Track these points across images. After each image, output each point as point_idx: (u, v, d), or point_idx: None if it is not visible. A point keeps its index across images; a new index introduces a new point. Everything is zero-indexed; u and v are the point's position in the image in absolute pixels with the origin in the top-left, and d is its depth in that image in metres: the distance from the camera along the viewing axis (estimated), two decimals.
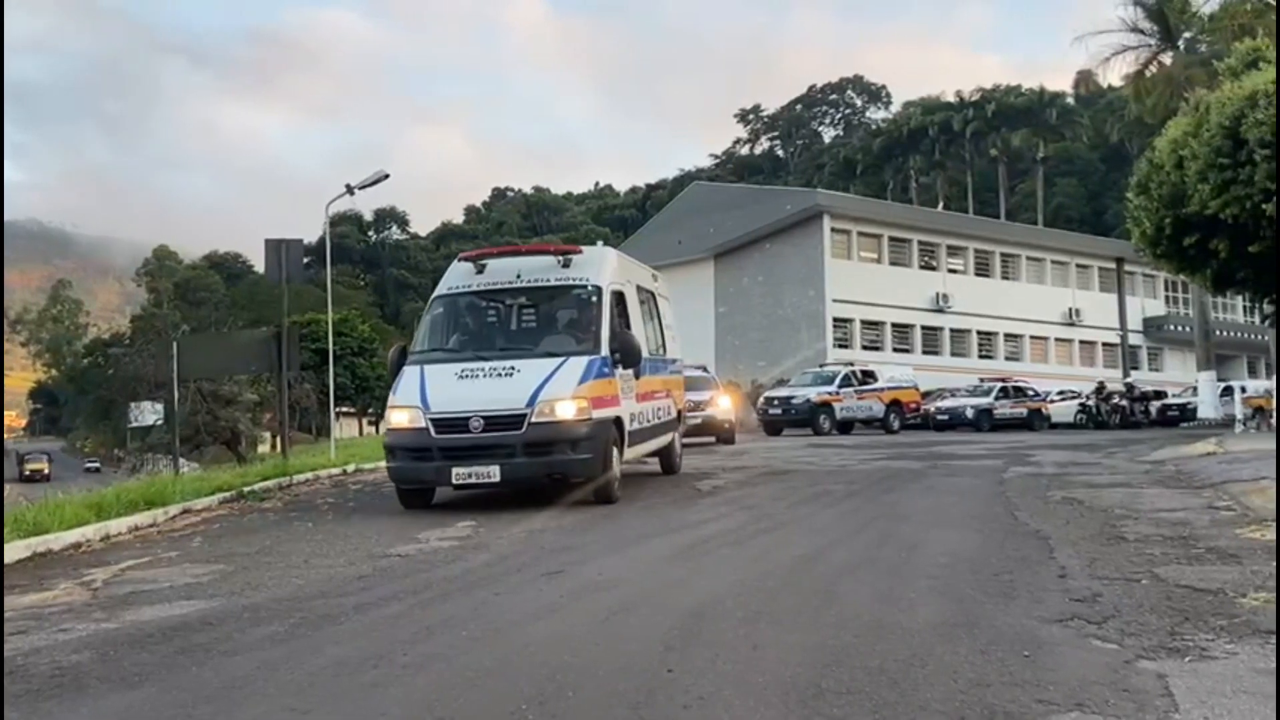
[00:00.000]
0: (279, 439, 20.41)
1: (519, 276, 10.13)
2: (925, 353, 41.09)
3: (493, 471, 8.75)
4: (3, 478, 30.66)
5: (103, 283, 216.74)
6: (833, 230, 39.53)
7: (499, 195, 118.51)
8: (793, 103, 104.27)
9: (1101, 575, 5.36)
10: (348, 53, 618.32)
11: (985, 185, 72.99)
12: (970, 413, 29.33)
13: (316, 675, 3.94)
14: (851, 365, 28.79)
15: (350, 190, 18.82)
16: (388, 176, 18.93)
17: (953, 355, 41.85)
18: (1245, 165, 15.73)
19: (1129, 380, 36.91)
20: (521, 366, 9.18)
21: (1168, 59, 33.03)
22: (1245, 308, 44.13)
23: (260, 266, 18.44)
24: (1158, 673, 3.60)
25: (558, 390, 8.90)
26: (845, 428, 26.38)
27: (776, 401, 26.57)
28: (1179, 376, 43.76)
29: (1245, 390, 27.51)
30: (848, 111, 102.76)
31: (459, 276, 10.41)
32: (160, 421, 29.05)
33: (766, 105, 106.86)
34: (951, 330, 42.34)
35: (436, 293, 10.50)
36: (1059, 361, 44.87)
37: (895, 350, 40.16)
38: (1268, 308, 20.69)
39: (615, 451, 9.45)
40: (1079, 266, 46.71)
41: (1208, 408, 30.00)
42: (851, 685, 3.52)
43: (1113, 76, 36.37)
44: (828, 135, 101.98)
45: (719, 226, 41.87)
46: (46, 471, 57.09)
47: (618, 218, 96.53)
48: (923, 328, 41.66)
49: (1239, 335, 46.13)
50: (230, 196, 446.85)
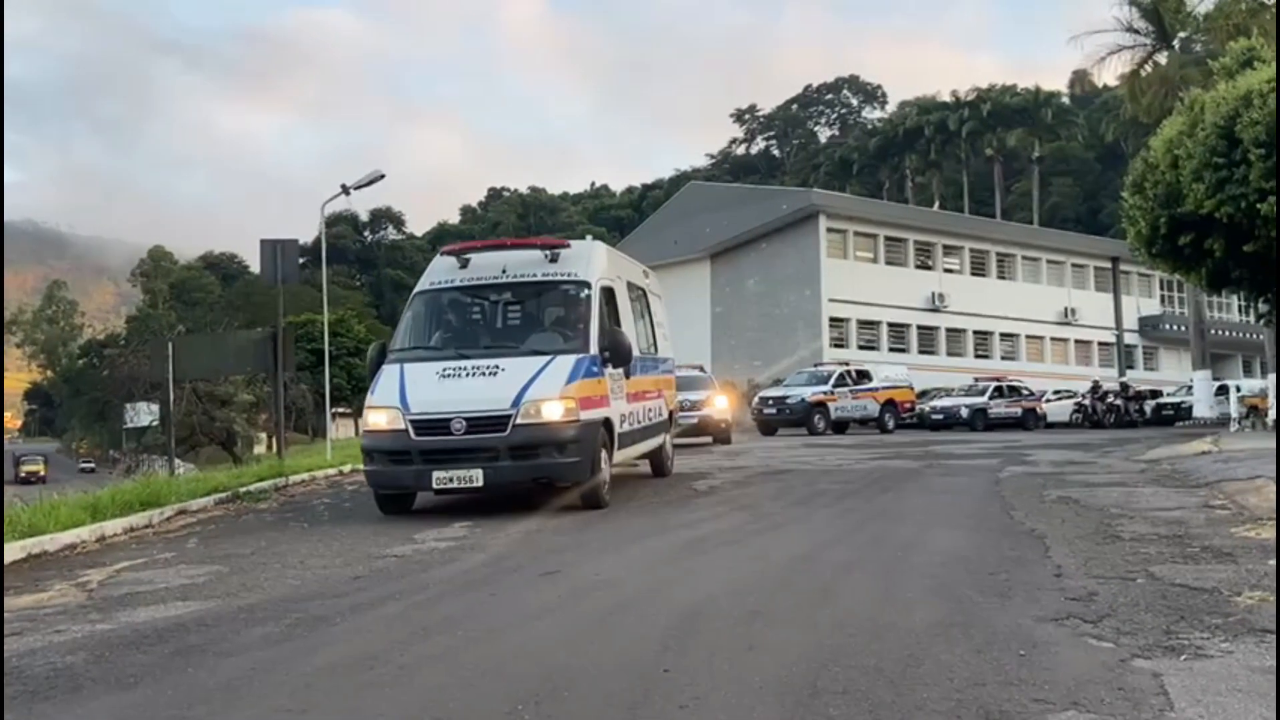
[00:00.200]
0: (275, 440, 20.40)
1: (504, 271, 9.77)
2: (921, 352, 41.15)
3: (475, 476, 8.43)
4: (2, 478, 30.58)
5: (98, 283, 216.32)
6: (829, 230, 39.60)
7: (495, 195, 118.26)
8: (788, 102, 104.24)
9: (1097, 574, 5.36)
10: (343, 52, 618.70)
11: (981, 185, 73.01)
12: (965, 412, 29.44)
13: (312, 676, 3.93)
14: (846, 365, 28.80)
15: (346, 190, 18.78)
16: (383, 177, 18.90)
17: (949, 355, 41.93)
18: (1240, 165, 15.78)
19: (1124, 379, 36.97)
20: (506, 365, 8.84)
21: (1163, 59, 33.07)
22: (1240, 307, 44.17)
23: (256, 267, 18.42)
24: (1153, 671, 3.60)
25: (544, 390, 8.57)
26: (840, 427, 26.39)
27: (771, 401, 26.54)
28: (1174, 376, 43.86)
29: (1240, 389, 27.56)
30: (843, 111, 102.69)
31: (442, 271, 10.04)
32: (155, 422, 29.08)
33: (762, 105, 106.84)
34: (947, 330, 42.42)
35: (418, 288, 10.10)
36: (1055, 361, 44.96)
37: (891, 350, 40.23)
38: (1262, 307, 20.71)
39: (605, 454, 9.10)
40: (1074, 266, 46.81)
41: (1203, 407, 30.04)
42: (848, 685, 3.52)
43: (1108, 76, 36.62)
44: (823, 135, 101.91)
45: (715, 226, 41.90)
46: (42, 473, 56.91)
47: (614, 217, 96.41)
48: (919, 327, 41.72)
49: (1234, 334, 46.19)
50: (225, 197, 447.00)
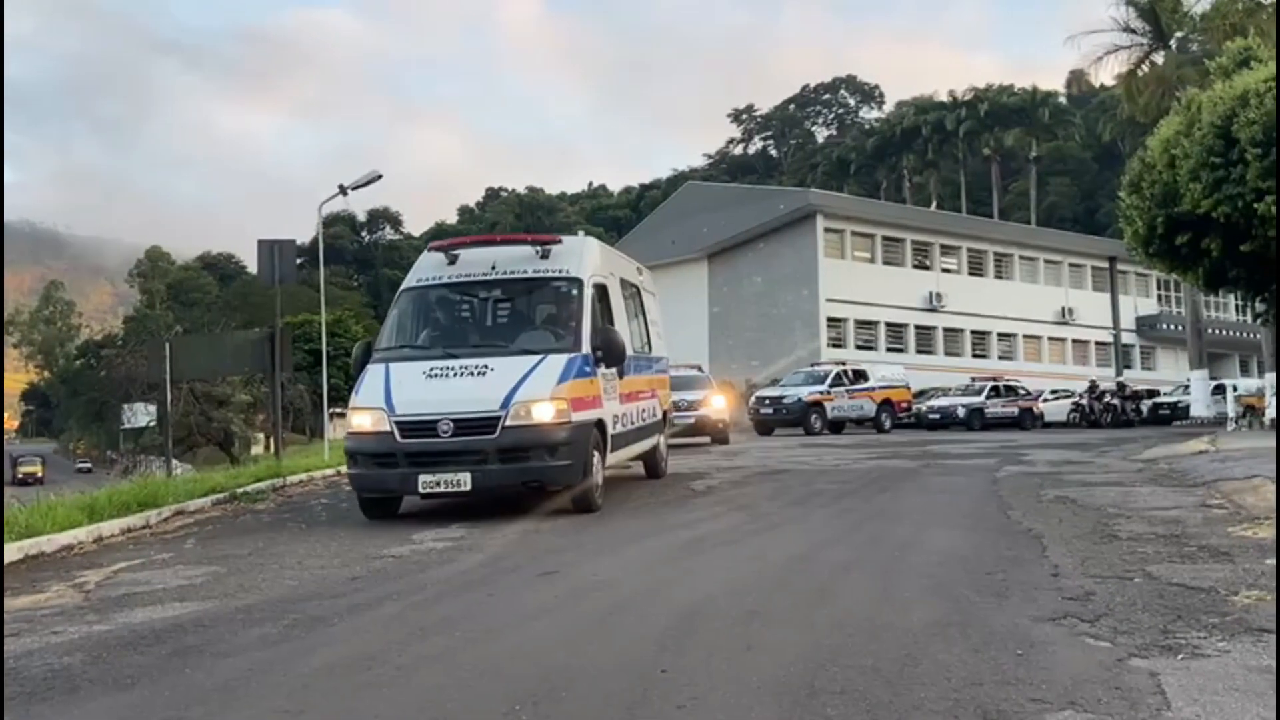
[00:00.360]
0: (272, 440, 20.38)
1: (494, 268, 9.50)
2: (919, 352, 41.19)
3: (463, 479, 8.16)
4: (3, 479, 30.53)
5: (95, 284, 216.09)
6: (826, 230, 39.62)
7: (492, 195, 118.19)
8: (786, 102, 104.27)
9: (1094, 574, 5.37)
10: (340, 52, 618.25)
11: (978, 185, 73.10)
12: (962, 412, 29.47)
13: (309, 677, 3.93)
14: (843, 364, 28.82)
15: (343, 191, 18.78)
16: (380, 177, 18.90)
17: (946, 355, 41.97)
18: (1237, 164, 15.80)
19: (1120, 379, 37.02)
20: (495, 365, 8.56)
21: (1159, 58, 33.14)
22: (1237, 306, 44.37)
23: (253, 267, 18.39)
24: (1150, 671, 3.61)
25: (535, 391, 8.30)
26: (837, 427, 26.39)
27: (768, 401, 26.53)
28: (1171, 375, 43.91)
29: (1237, 389, 27.63)
30: (841, 111, 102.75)
31: (429, 267, 9.77)
32: (153, 423, 29.05)
33: (760, 105, 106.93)
34: (945, 329, 42.45)
35: (404, 285, 9.85)
36: (1052, 360, 45.01)
37: (889, 350, 40.26)
38: (1259, 306, 20.75)
39: (597, 456, 8.85)
40: (1072, 266, 46.87)
41: (1200, 406, 30.08)
42: (845, 685, 3.52)
43: (1105, 76, 36.65)
44: (821, 135, 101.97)
45: (713, 226, 41.91)
46: (40, 474, 56.76)
47: (611, 218, 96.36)
48: (916, 327, 41.76)
49: (1231, 334, 46.28)
50: (223, 197, 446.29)
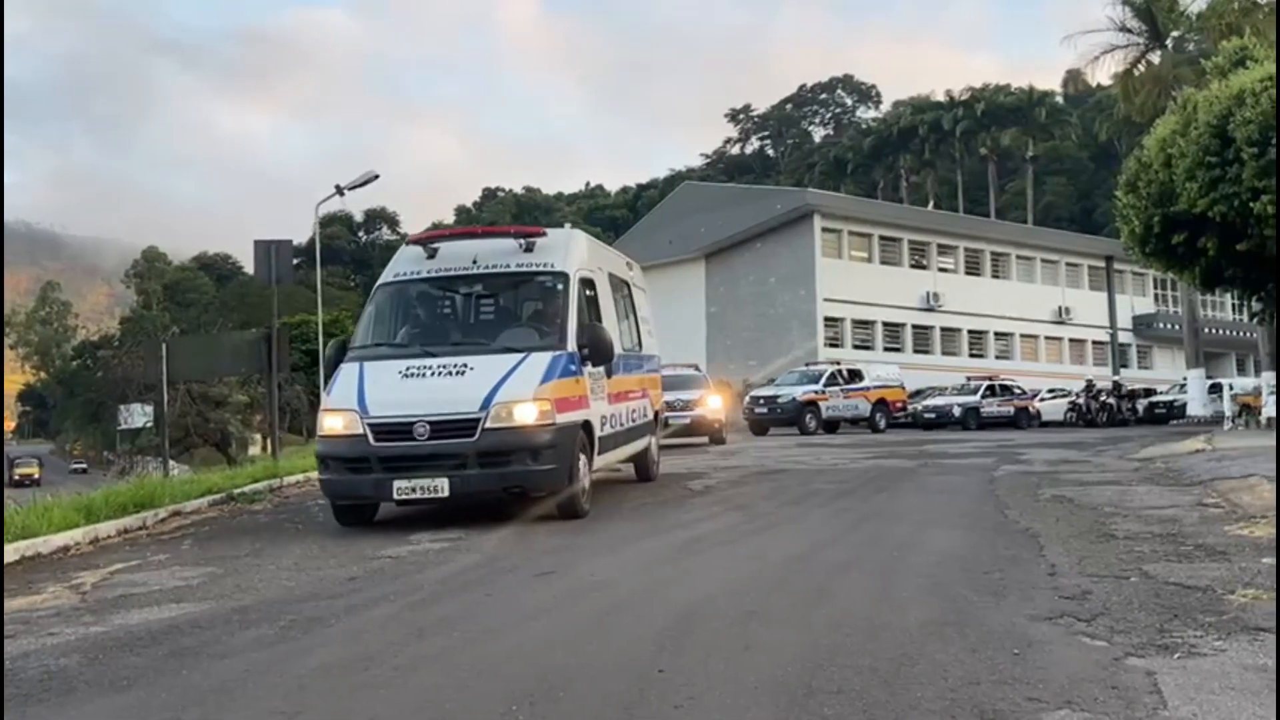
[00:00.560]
0: (269, 441, 20.34)
1: (475, 262, 9.05)
2: (916, 352, 41.23)
3: (440, 485, 7.74)
4: (4, 479, 30.48)
5: (91, 284, 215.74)
6: (823, 229, 39.65)
7: (490, 195, 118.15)
8: (783, 102, 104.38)
9: (1091, 573, 5.37)
10: (337, 52, 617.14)
11: (975, 184, 73.21)
12: (958, 411, 29.48)
13: (306, 678, 3.93)
14: (838, 364, 28.81)
15: (340, 191, 18.81)
16: (377, 177, 18.96)
17: (943, 354, 42.01)
18: (1233, 164, 15.83)
19: (1116, 378, 37.07)
20: (475, 364, 8.13)
21: (1156, 58, 33.20)
22: (1234, 305, 44.37)
23: (250, 268, 18.40)
24: (1146, 670, 3.61)
25: (517, 391, 7.88)
26: (831, 427, 26.39)
27: (762, 400, 26.51)
28: (1168, 374, 43.97)
29: (1234, 388, 27.61)
30: (838, 111, 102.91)
31: (407, 262, 9.34)
32: (150, 424, 28.97)
33: (757, 105, 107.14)
34: (942, 329, 42.50)
35: (381, 280, 9.45)
36: (1049, 360, 45.06)
37: (886, 349, 40.30)
38: (1256, 305, 20.78)
39: (583, 460, 8.42)
40: (1068, 265, 46.94)
41: (1196, 405, 30.11)
42: (843, 684, 3.52)
43: (1101, 76, 36.74)
44: (818, 134, 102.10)
45: (710, 226, 41.93)
46: (37, 476, 56.58)
47: (608, 217, 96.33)
48: (913, 327, 41.81)
49: (1227, 333, 46.38)
50: (220, 197, 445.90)
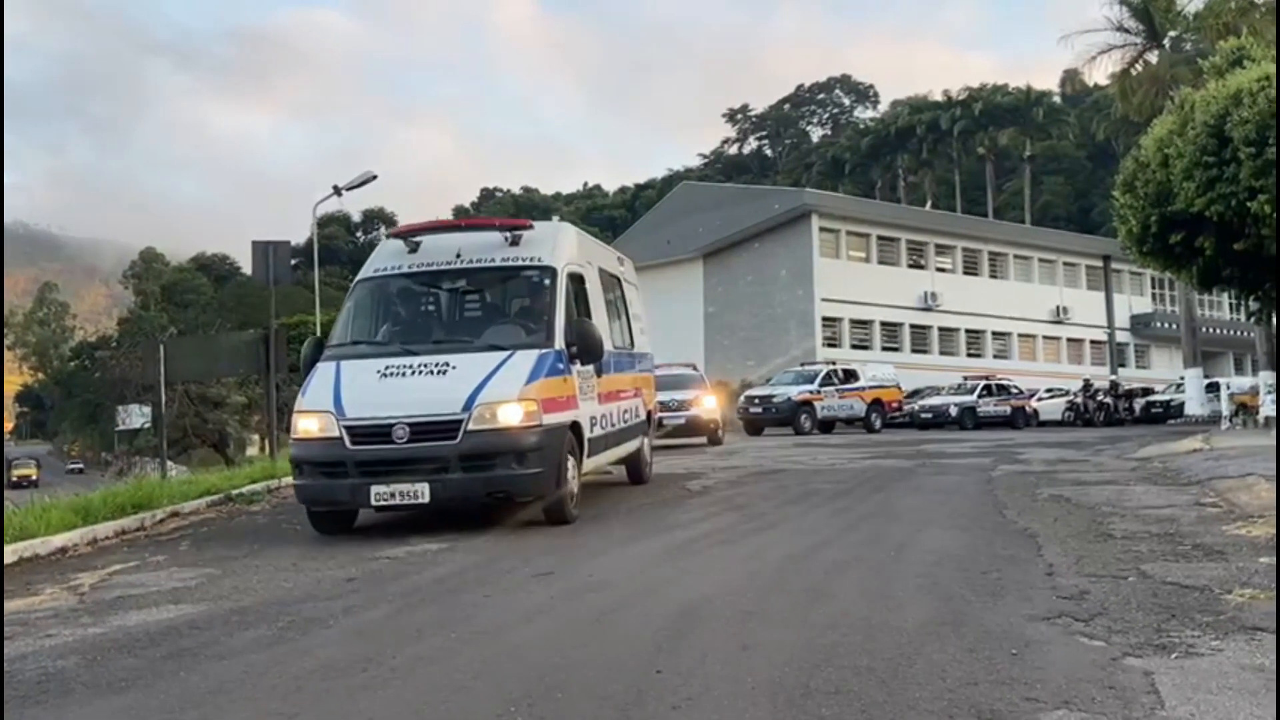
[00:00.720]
0: (267, 441, 20.32)
1: (459, 256, 8.69)
2: (914, 351, 41.26)
3: (420, 490, 7.41)
4: (4, 480, 30.43)
5: (89, 285, 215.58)
6: (821, 229, 39.66)
7: (487, 195, 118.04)
8: (781, 102, 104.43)
9: (1089, 573, 5.37)
10: (335, 53, 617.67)
11: (973, 184, 73.23)
12: (954, 411, 29.48)
13: (304, 679, 3.92)
14: (833, 364, 28.79)
15: (338, 191, 18.80)
16: (375, 177, 18.93)
17: (941, 354, 42.04)
18: (1230, 163, 15.85)
19: (1113, 378, 37.09)
20: (458, 362, 7.78)
21: (1153, 58, 33.19)
22: (1231, 305, 44.27)
23: (248, 268, 18.40)
24: (1144, 670, 3.61)
25: (501, 391, 7.54)
26: (826, 426, 26.36)
27: (757, 400, 26.44)
28: (1166, 373, 43.98)
29: (1231, 387, 27.62)
30: (835, 111, 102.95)
31: (387, 256, 9.01)
32: (148, 424, 28.95)
33: (754, 105, 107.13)
34: (940, 329, 42.53)
35: (360, 275, 9.12)
36: (1047, 359, 45.11)
37: (884, 349, 40.32)
38: (1253, 305, 20.79)
39: (572, 463, 8.06)
40: (1066, 265, 46.98)
41: (1194, 404, 30.11)
42: (840, 685, 3.52)
43: (1099, 75, 36.65)
44: (816, 134, 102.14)
45: (708, 226, 41.93)
46: (35, 477, 56.56)
47: (606, 218, 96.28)
48: (911, 326, 41.82)
49: (1225, 332, 46.39)
50: (217, 198, 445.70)
